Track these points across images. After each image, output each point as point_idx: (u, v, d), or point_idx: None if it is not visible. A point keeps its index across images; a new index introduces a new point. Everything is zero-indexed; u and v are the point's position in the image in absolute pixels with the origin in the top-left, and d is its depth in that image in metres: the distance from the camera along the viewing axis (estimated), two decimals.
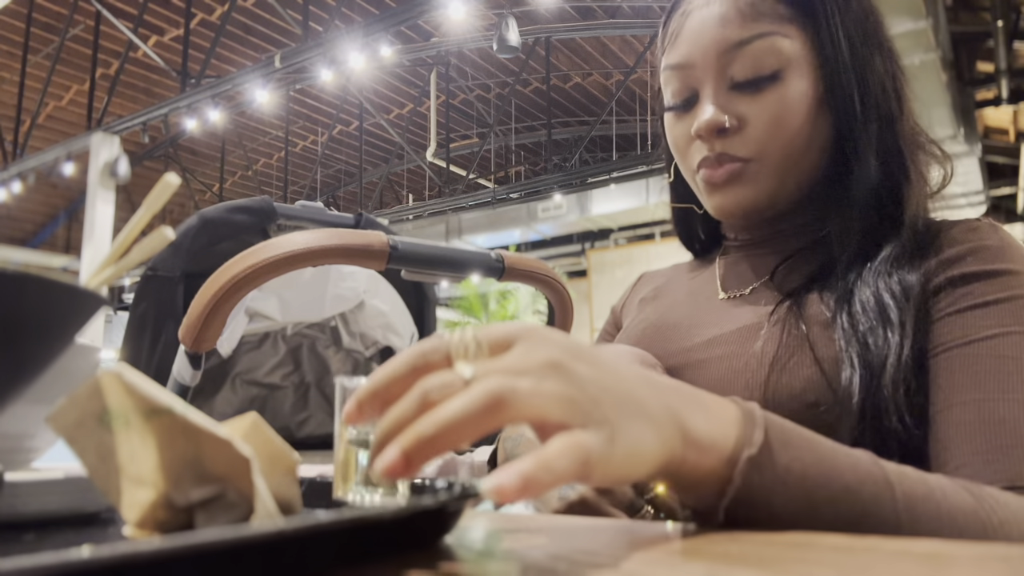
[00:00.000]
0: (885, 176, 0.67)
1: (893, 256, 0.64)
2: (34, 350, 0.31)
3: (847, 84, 0.67)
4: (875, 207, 0.67)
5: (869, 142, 0.67)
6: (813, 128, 0.68)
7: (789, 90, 0.67)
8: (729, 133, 0.68)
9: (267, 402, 1.47)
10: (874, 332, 0.59)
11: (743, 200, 0.70)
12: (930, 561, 0.31)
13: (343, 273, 1.45)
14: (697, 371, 0.68)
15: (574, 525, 0.44)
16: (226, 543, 0.24)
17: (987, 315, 0.58)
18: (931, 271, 0.62)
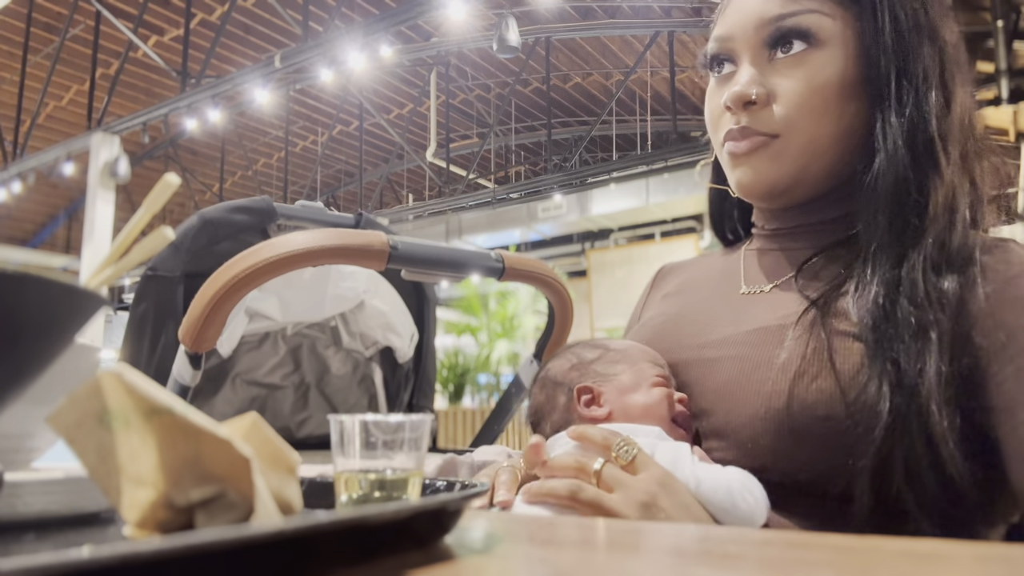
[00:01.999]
0: (915, 171, 0.63)
1: (926, 262, 0.60)
2: (34, 350, 0.31)
3: (885, 69, 0.65)
4: (901, 203, 0.63)
5: (900, 132, 0.64)
6: (844, 111, 0.66)
7: (823, 68, 0.65)
8: (757, 107, 0.67)
9: (267, 402, 1.47)
10: (908, 350, 0.56)
11: (764, 176, 0.68)
12: (930, 561, 0.31)
13: (343, 273, 1.45)
14: (708, 369, 0.67)
15: (575, 525, 0.44)
16: (226, 543, 0.24)
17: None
18: (971, 294, 0.59)
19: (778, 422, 0.59)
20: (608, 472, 0.57)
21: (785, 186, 0.68)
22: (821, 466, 0.57)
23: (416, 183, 11.96)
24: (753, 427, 0.60)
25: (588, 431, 0.62)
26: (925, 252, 0.61)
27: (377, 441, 0.42)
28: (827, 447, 0.57)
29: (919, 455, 0.54)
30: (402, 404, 1.62)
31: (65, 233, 12.26)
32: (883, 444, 0.54)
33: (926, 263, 0.60)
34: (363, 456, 0.42)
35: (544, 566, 0.33)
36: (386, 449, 0.42)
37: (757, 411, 0.60)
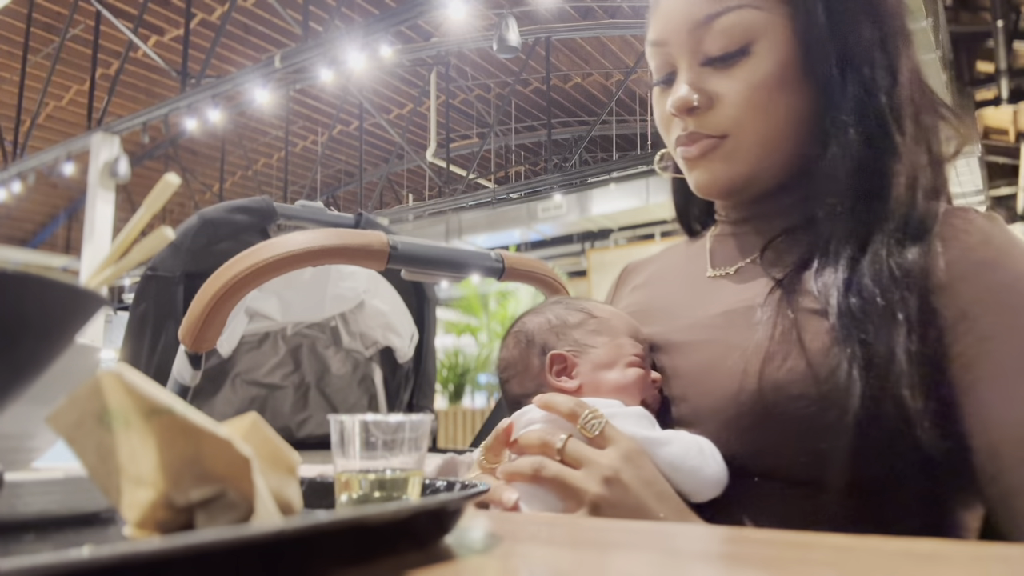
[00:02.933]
0: (870, 151, 0.62)
1: (889, 239, 0.60)
2: (34, 350, 0.31)
3: (823, 53, 0.64)
4: (861, 184, 0.62)
5: (849, 114, 0.63)
6: (790, 102, 0.65)
7: (761, 64, 0.64)
8: (700, 111, 0.66)
9: (267, 402, 1.47)
10: (877, 331, 0.56)
11: (719, 177, 0.68)
12: (930, 561, 0.31)
13: (343, 273, 1.45)
14: (677, 355, 0.66)
15: (574, 525, 0.44)
16: (226, 543, 0.24)
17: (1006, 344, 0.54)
18: (932, 264, 0.58)
19: (751, 404, 0.58)
20: (571, 448, 0.58)
21: (743, 183, 0.68)
22: (795, 449, 0.57)
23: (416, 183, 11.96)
24: (726, 411, 0.60)
25: (555, 400, 0.62)
26: (888, 231, 0.60)
27: (377, 441, 0.42)
28: (801, 429, 0.56)
29: (894, 436, 0.54)
30: (402, 404, 1.62)
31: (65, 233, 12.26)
32: (857, 427, 0.54)
33: (890, 242, 0.59)
34: (363, 456, 0.42)
35: (544, 566, 0.33)
36: (386, 449, 0.42)
37: (729, 394, 0.59)
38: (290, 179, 9.99)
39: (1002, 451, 0.52)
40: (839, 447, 0.54)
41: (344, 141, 10.61)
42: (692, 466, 0.59)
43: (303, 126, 10.23)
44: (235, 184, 11.64)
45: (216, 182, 10.50)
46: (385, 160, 10.73)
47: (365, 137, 9.82)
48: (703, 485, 0.59)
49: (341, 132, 10.23)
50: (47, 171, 8.29)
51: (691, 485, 0.59)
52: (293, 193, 10.72)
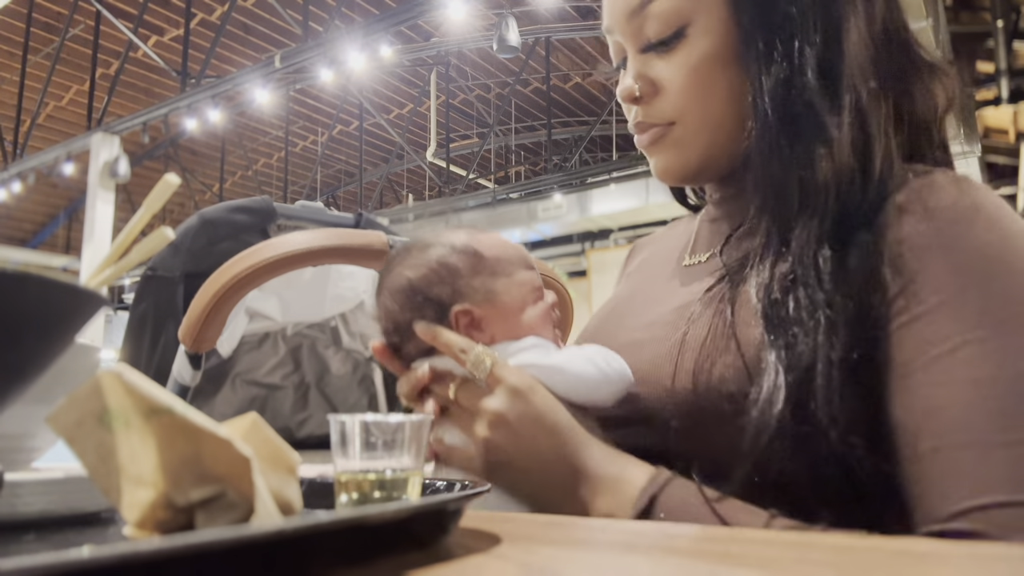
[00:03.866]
0: (793, 140, 0.57)
1: (820, 227, 0.55)
2: (34, 350, 0.31)
3: (751, 30, 0.60)
4: (785, 178, 0.58)
5: (773, 95, 0.58)
6: (731, 83, 0.62)
7: (696, 46, 0.62)
8: (645, 99, 0.65)
9: (267, 402, 1.47)
10: (803, 335, 0.51)
11: (672, 164, 0.66)
12: (930, 561, 0.31)
13: (343, 273, 1.45)
14: (635, 352, 0.64)
15: (575, 525, 0.44)
16: (226, 543, 0.24)
17: (943, 321, 0.49)
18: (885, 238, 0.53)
19: (687, 402, 0.57)
20: (462, 394, 0.59)
21: (697, 168, 0.66)
22: (725, 447, 0.53)
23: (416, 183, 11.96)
24: (665, 409, 0.58)
25: (446, 338, 0.61)
26: (818, 225, 0.55)
27: (377, 441, 0.42)
28: (736, 429, 0.53)
29: (815, 439, 0.50)
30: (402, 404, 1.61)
31: (65, 233, 12.26)
32: (779, 429, 0.50)
33: (820, 238, 0.55)
34: (363, 456, 0.42)
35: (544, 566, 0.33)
36: (386, 449, 0.42)
37: (667, 392, 0.58)
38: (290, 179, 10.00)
39: (926, 430, 0.48)
40: (760, 446, 0.51)
41: (344, 141, 10.61)
42: (588, 381, 0.59)
43: (303, 126, 10.23)
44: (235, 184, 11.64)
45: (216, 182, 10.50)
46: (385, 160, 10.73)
47: (365, 137, 9.83)
48: (607, 393, 0.60)
49: (341, 132, 10.23)
50: (47, 171, 8.29)
51: (597, 397, 0.60)
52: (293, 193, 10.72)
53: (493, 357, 0.59)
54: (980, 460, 0.46)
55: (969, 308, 0.49)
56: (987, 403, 0.46)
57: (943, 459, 0.47)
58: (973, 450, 0.46)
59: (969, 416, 0.47)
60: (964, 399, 0.47)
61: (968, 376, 0.47)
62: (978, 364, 0.47)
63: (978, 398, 0.47)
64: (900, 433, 0.49)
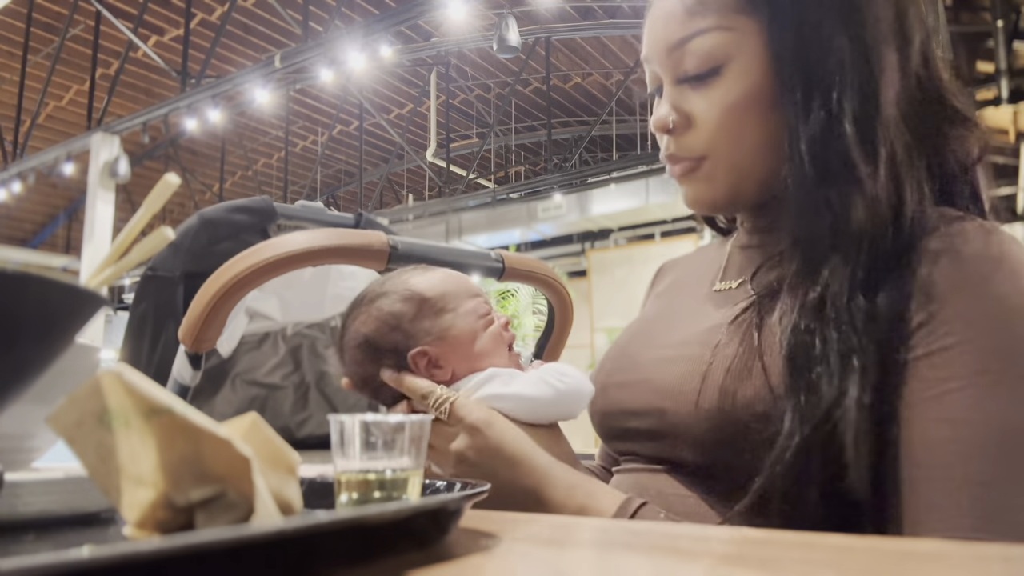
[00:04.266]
0: (828, 185, 0.59)
1: (852, 273, 0.56)
2: (34, 350, 0.31)
3: (790, 75, 0.61)
4: (818, 223, 0.59)
5: (807, 143, 0.59)
6: (764, 124, 0.63)
7: (733, 86, 0.63)
8: (678, 131, 0.66)
9: (267, 402, 1.47)
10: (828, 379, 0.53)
11: (702, 196, 0.68)
12: (930, 561, 0.31)
13: (343, 273, 1.45)
14: (662, 368, 0.65)
15: (575, 525, 0.44)
16: (226, 543, 0.24)
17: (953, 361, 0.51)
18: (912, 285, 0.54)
19: (713, 421, 0.58)
20: (432, 437, 0.60)
21: (726, 201, 0.68)
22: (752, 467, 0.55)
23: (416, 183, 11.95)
24: (690, 426, 0.59)
25: (408, 384, 0.65)
26: (852, 269, 0.56)
27: (377, 441, 0.42)
28: (757, 449, 0.55)
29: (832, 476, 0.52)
30: None
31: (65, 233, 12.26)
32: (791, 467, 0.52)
33: (853, 282, 0.55)
34: (363, 456, 0.42)
35: (544, 566, 0.33)
36: (386, 449, 0.42)
37: (693, 409, 0.59)
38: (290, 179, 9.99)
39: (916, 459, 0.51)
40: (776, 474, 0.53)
41: (344, 141, 10.61)
42: (546, 402, 0.62)
43: (303, 126, 10.22)
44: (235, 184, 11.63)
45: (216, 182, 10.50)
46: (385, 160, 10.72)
47: (365, 137, 9.82)
48: (566, 409, 0.63)
49: (341, 132, 10.23)
50: (47, 171, 8.29)
51: (558, 414, 0.63)
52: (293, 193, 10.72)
53: (453, 397, 0.63)
54: (954, 494, 0.49)
55: (980, 352, 0.51)
56: (968, 445, 0.49)
57: (924, 488, 0.50)
58: (950, 484, 0.49)
59: (948, 454, 0.50)
60: (948, 437, 0.50)
61: (966, 416, 0.50)
62: (977, 406, 0.50)
63: (961, 439, 0.50)
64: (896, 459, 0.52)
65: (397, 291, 0.70)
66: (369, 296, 0.71)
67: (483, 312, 0.69)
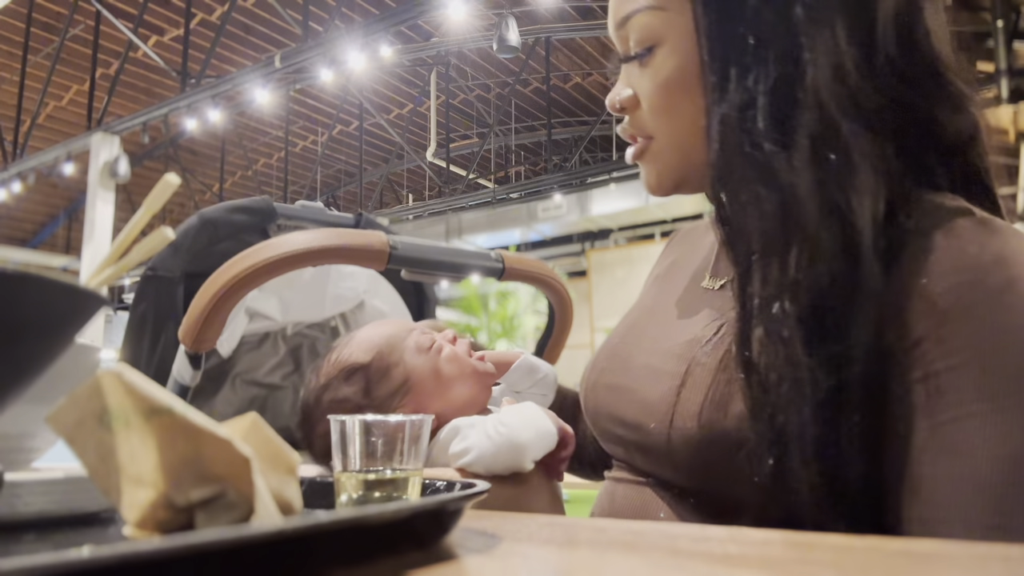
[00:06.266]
0: (745, 173, 0.54)
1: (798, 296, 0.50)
2: (34, 350, 0.31)
3: (712, 54, 0.57)
4: (743, 203, 0.54)
5: (724, 119, 0.55)
6: (694, 105, 0.60)
7: (663, 65, 0.61)
8: (629, 111, 0.66)
9: (267, 402, 1.47)
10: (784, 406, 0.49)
11: (651, 179, 0.66)
12: (930, 561, 0.31)
13: (343, 273, 1.45)
14: (647, 380, 0.62)
15: (575, 525, 0.44)
16: (226, 543, 0.23)
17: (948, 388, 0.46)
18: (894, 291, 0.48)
19: (689, 440, 0.55)
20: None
21: (673, 184, 0.66)
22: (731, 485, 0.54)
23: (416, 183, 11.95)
24: (668, 446, 0.57)
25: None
26: (781, 272, 0.50)
27: (377, 441, 0.42)
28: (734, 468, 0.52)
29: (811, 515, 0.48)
30: None
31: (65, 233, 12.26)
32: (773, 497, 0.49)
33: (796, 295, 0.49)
34: (363, 456, 0.42)
35: (544, 566, 0.33)
36: (386, 449, 0.42)
37: (668, 429, 0.57)
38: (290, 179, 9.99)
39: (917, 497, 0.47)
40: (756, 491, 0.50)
41: (344, 141, 10.61)
42: (490, 458, 0.60)
43: (303, 126, 10.22)
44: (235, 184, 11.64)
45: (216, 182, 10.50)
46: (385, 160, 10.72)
47: (365, 137, 9.82)
48: (507, 462, 0.60)
49: (341, 132, 10.23)
50: (47, 171, 8.29)
51: (505, 467, 0.60)
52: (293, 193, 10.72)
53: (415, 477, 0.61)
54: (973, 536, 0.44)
55: (986, 375, 0.46)
56: (980, 482, 0.44)
57: (928, 532, 0.46)
58: (956, 528, 0.44)
59: (960, 493, 0.45)
60: (957, 474, 0.45)
61: (974, 449, 0.45)
62: (987, 437, 0.45)
63: (971, 476, 0.45)
64: (892, 489, 0.48)
65: (335, 375, 0.67)
66: (313, 396, 0.68)
67: (427, 345, 0.66)
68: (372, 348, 0.67)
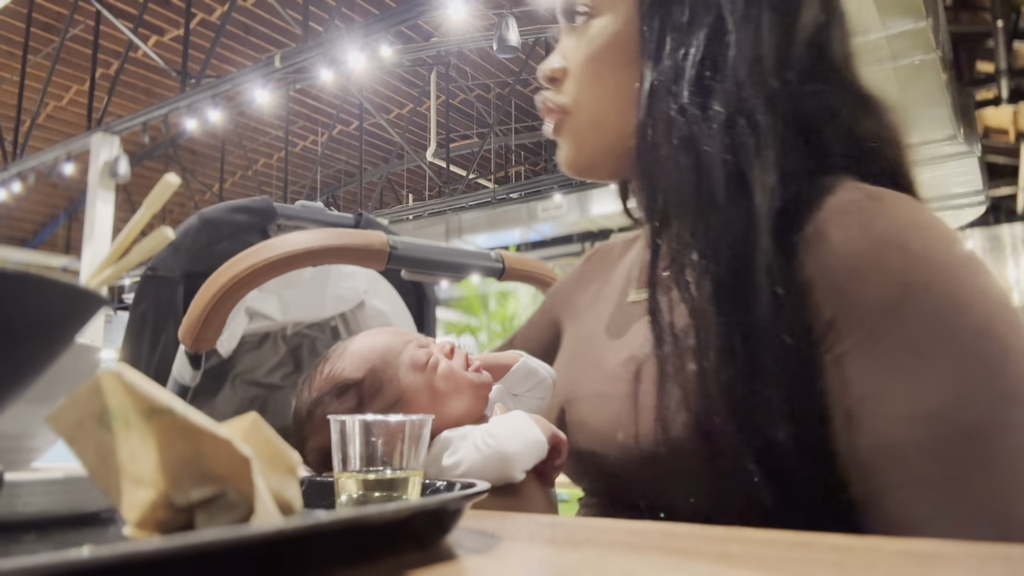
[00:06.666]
0: (667, 144, 0.56)
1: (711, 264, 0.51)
2: (34, 350, 0.31)
3: (646, 29, 0.59)
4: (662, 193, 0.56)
5: (657, 91, 0.57)
6: (621, 79, 0.61)
7: (597, 36, 0.62)
8: (559, 82, 0.65)
9: (267, 402, 1.47)
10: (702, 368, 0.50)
11: (567, 154, 0.66)
12: (930, 561, 0.31)
13: (343, 273, 1.45)
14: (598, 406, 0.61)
15: (575, 525, 0.44)
16: (226, 543, 0.23)
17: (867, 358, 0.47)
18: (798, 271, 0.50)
19: (650, 457, 0.55)
20: None
21: (587, 163, 0.65)
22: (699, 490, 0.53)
23: (416, 183, 11.96)
24: (631, 463, 0.56)
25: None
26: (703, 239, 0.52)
27: (377, 441, 0.42)
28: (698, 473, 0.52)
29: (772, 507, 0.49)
30: None
31: (65, 233, 12.26)
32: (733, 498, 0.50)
33: (704, 255, 0.51)
34: (363, 456, 0.42)
35: (544, 566, 0.33)
36: (386, 449, 0.42)
37: (628, 449, 0.56)
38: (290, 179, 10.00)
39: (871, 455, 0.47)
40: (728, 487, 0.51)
41: (344, 141, 10.61)
42: (479, 470, 0.59)
43: (303, 126, 10.23)
44: (235, 184, 11.64)
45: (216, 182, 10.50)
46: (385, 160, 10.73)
47: (365, 137, 9.83)
48: (497, 474, 0.59)
49: (341, 132, 10.23)
50: (47, 171, 8.29)
51: (494, 478, 0.58)
52: (293, 193, 10.73)
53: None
54: (924, 498, 0.45)
55: (885, 350, 0.47)
56: (926, 440, 0.45)
57: (892, 498, 0.46)
58: (912, 492, 0.45)
59: (909, 454, 0.45)
60: (903, 436, 0.46)
61: (905, 412, 0.46)
62: (912, 399, 0.46)
63: (917, 434, 0.45)
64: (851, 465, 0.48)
65: (327, 390, 0.65)
66: (305, 410, 0.66)
67: (422, 361, 0.64)
68: (365, 363, 0.65)
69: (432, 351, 0.66)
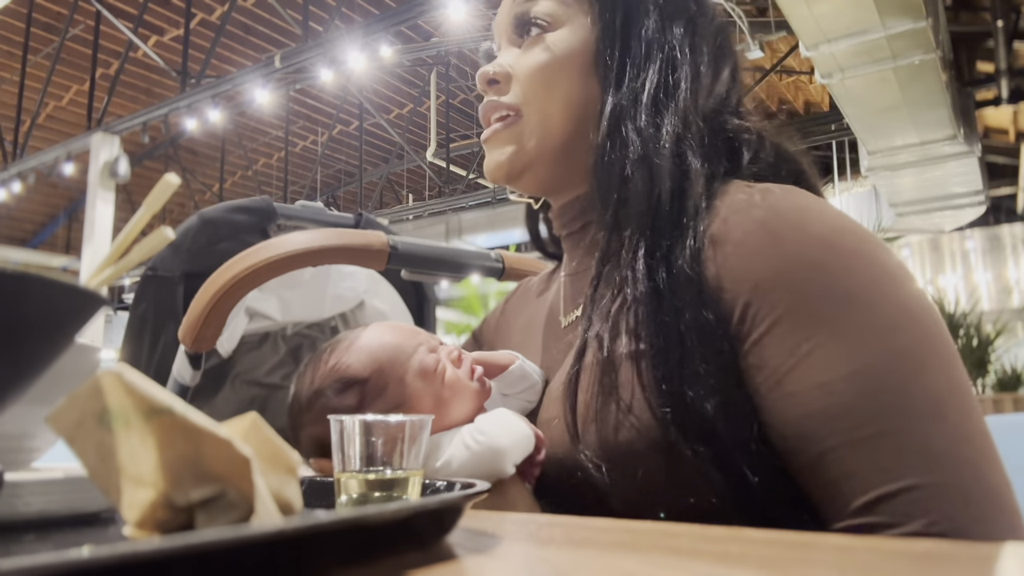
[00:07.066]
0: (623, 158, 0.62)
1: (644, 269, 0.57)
2: (34, 350, 0.31)
3: (608, 49, 0.66)
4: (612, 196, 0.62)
5: (611, 113, 0.64)
6: (573, 89, 0.67)
7: (552, 47, 0.67)
8: (500, 85, 0.70)
9: (267, 402, 1.47)
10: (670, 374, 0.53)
11: (502, 156, 0.69)
12: (930, 561, 0.31)
13: (343, 273, 1.45)
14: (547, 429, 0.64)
15: (575, 525, 0.44)
16: (226, 543, 0.23)
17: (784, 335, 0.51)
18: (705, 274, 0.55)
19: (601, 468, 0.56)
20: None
21: (523, 165, 0.68)
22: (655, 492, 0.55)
23: (416, 183, 11.96)
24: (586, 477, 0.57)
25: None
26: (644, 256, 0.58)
27: (377, 441, 0.42)
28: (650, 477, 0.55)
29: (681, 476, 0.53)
30: None
31: (65, 233, 12.26)
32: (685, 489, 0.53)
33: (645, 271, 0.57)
34: (363, 456, 0.42)
35: (544, 566, 0.33)
36: (386, 449, 0.42)
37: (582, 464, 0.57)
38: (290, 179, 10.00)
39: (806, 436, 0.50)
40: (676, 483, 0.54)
41: (344, 141, 10.61)
42: (469, 467, 0.59)
43: (303, 126, 10.23)
44: (235, 184, 11.64)
45: (216, 182, 10.50)
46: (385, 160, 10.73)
47: (365, 137, 9.83)
48: (488, 470, 0.59)
49: (341, 132, 10.23)
50: (47, 171, 8.29)
51: (485, 475, 0.58)
52: (293, 193, 10.73)
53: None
54: (857, 453, 0.48)
55: (803, 317, 0.51)
56: (845, 403, 0.49)
57: (829, 462, 0.49)
58: (847, 453, 0.48)
59: (834, 418, 0.49)
60: (825, 403, 0.49)
61: (821, 380, 0.50)
62: (824, 368, 0.50)
63: (836, 399, 0.49)
64: (787, 443, 0.51)
65: (330, 384, 0.64)
66: (305, 399, 0.65)
67: (431, 367, 0.64)
68: (373, 362, 0.64)
69: (440, 357, 0.66)
